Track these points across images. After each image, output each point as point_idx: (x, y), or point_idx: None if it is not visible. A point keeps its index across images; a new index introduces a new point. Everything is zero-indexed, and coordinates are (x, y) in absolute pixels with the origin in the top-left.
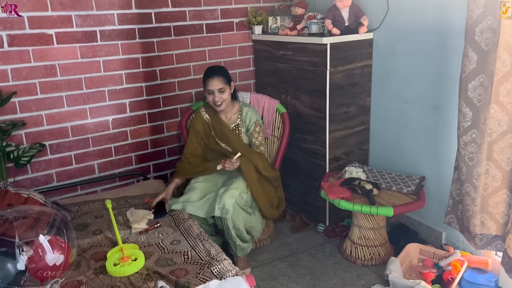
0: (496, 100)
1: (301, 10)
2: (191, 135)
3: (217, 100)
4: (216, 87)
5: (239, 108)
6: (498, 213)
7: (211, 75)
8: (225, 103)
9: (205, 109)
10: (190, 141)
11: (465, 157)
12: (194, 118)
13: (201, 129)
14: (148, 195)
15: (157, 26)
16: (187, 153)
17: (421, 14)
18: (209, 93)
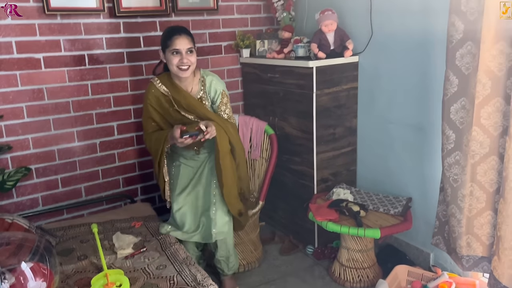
0: (478, 123)
1: (288, 34)
2: (146, 115)
3: (185, 61)
4: (185, 47)
5: (201, 78)
6: (483, 234)
7: (178, 32)
8: (192, 69)
9: (160, 80)
10: (147, 122)
11: (450, 179)
12: (147, 92)
13: (158, 105)
14: (135, 218)
15: (146, 49)
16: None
17: (404, 38)
18: (174, 54)
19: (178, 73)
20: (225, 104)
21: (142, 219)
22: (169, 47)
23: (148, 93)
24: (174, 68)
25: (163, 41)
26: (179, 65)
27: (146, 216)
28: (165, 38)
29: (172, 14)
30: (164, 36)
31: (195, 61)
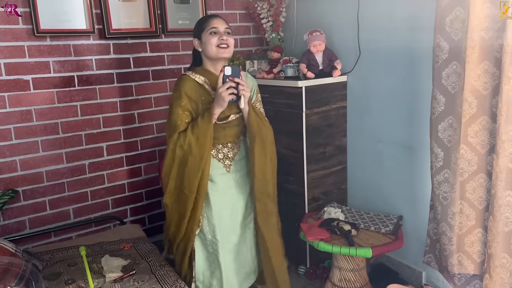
0: (465, 141)
1: (277, 54)
2: (176, 106)
3: (225, 39)
4: (223, 26)
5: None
6: (474, 252)
7: (214, 15)
8: (231, 50)
9: (194, 72)
10: (176, 115)
11: (439, 197)
12: (180, 83)
13: (194, 95)
14: (124, 240)
15: (136, 70)
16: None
17: (391, 57)
18: (212, 33)
19: (218, 53)
20: (259, 101)
21: (131, 241)
22: (207, 27)
23: (183, 83)
24: (213, 49)
25: (199, 26)
26: (219, 44)
27: (135, 238)
28: (201, 22)
29: (162, 35)
30: (199, 22)
31: (233, 44)
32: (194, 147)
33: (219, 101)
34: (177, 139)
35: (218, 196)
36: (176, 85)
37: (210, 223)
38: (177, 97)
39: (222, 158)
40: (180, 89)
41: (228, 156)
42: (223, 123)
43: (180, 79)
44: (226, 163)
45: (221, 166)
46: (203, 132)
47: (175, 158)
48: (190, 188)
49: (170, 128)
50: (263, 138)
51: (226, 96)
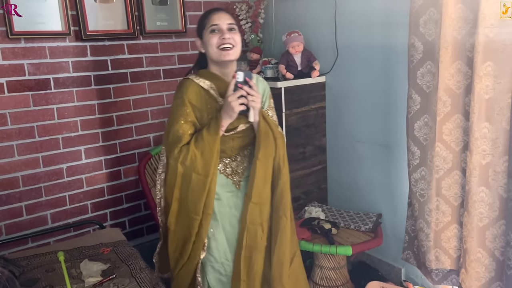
0: (440, 139)
1: (256, 55)
2: (178, 115)
3: (227, 37)
4: (225, 21)
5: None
6: (451, 247)
7: (216, 9)
8: (237, 51)
9: (198, 75)
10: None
11: (417, 194)
12: (182, 88)
13: (199, 102)
14: (104, 244)
15: (113, 72)
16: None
17: (368, 58)
18: (213, 32)
19: (220, 56)
20: (272, 107)
21: (111, 245)
22: (207, 24)
23: (186, 88)
24: (214, 50)
25: (200, 23)
26: (221, 44)
27: (115, 242)
28: (202, 18)
29: (140, 37)
30: (200, 19)
31: (239, 42)
32: (199, 163)
33: (228, 111)
34: (178, 154)
35: (228, 216)
36: (178, 91)
37: (220, 245)
38: (179, 105)
39: (230, 173)
40: (182, 95)
41: (237, 171)
42: (231, 134)
43: (183, 84)
44: (235, 180)
45: (230, 182)
46: (208, 146)
47: (177, 176)
48: (196, 210)
49: (170, 141)
50: (267, 155)
51: (236, 106)
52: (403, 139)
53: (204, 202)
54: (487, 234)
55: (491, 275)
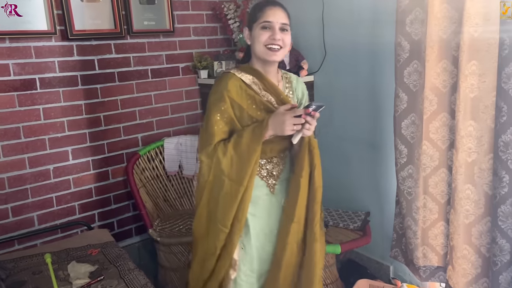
0: (427, 137)
1: None
2: (215, 111)
3: (277, 38)
4: (279, 20)
5: (283, 74)
6: (438, 244)
7: (273, 3)
8: (283, 53)
9: (237, 70)
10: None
11: (404, 192)
12: (222, 83)
13: (239, 98)
14: (92, 245)
15: (101, 72)
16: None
17: (355, 58)
18: (263, 28)
19: (266, 55)
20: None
21: (99, 246)
22: (259, 19)
23: (226, 82)
24: (260, 48)
25: (252, 14)
26: (269, 43)
27: (103, 243)
28: (255, 10)
29: (127, 37)
30: (253, 9)
31: (288, 43)
32: (234, 168)
33: (278, 127)
34: (212, 152)
35: (259, 222)
36: (217, 85)
37: (247, 254)
38: (217, 100)
39: (265, 175)
40: (221, 90)
41: (272, 174)
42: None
43: (223, 78)
44: (270, 182)
45: (264, 185)
46: (248, 152)
47: (208, 177)
48: (224, 221)
49: (204, 137)
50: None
51: (289, 129)
52: (391, 137)
53: (234, 213)
54: (473, 231)
55: (477, 271)
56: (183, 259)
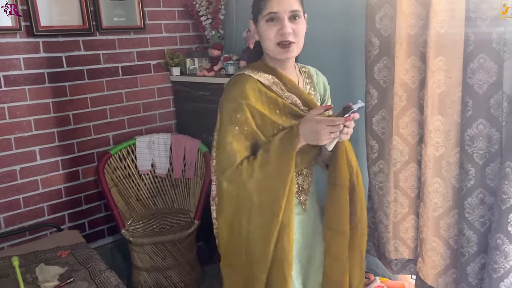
0: (397, 132)
1: (217, 52)
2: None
3: (287, 32)
4: (288, 8)
5: (301, 68)
6: (408, 238)
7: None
8: (298, 47)
9: (253, 70)
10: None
11: (376, 187)
12: (237, 89)
13: (260, 105)
14: (62, 247)
15: (69, 70)
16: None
17: (327, 54)
18: (269, 21)
19: (277, 53)
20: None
21: (69, 248)
22: (263, 10)
23: (243, 88)
24: (270, 45)
25: (255, 3)
26: (279, 40)
27: (73, 244)
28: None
29: (96, 33)
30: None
31: (303, 34)
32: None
33: (312, 136)
34: (235, 176)
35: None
36: (230, 90)
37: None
38: (233, 110)
39: (296, 191)
40: (237, 97)
41: (303, 189)
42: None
43: (237, 81)
44: (301, 199)
45: (296, 202)
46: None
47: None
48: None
49: (223, 157)
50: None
51: (326, 138)
52: (362, 133)
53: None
54: (442, 223)
55: (446, 263)
56: (156, 259)
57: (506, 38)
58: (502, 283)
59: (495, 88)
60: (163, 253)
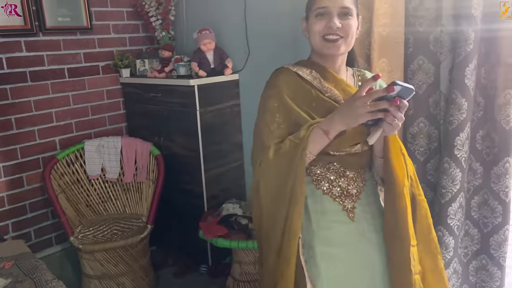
0: None
1: (168, 53)
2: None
3: (335, 26)
4: (338, 4)
5: (356, 72)
6: None
7: None
8: (347, 44)
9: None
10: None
11: None
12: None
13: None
14: (5, 258)
15: (10, 71)
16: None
17: (279, 54)
18: (318, 16)
19: (322, 48)
20: None
21: (13, 258)
22: (313, 6)
23: (276, 78)
24: (316, 40)
25: (308, 2)
26: (326, 33)
27: (18, 255)
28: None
29: (39, 34)
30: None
31: (353, 32)
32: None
33: (348, 113)
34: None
35: (335, 261)
36: (267, 82)
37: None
38: (267, 98)
39: (339, 195)
40: (270, 86)
41: (349, 193)
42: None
43: (274, 74)
44: (346, 204)
45: (340, 209)
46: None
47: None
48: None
49: (257, 148)
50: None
51: (363, 113)
52: None
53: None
54: None
55: None
56: (108, 266)
57: (443, 41)
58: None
59: (433, 88)
60: (115, 260)
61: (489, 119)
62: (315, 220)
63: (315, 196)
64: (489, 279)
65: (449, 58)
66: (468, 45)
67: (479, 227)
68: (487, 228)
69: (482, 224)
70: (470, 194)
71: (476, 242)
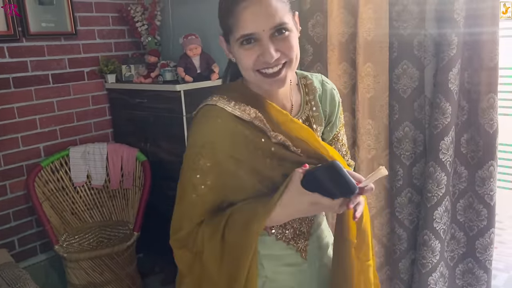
0: None
1: (154, 58)
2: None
3: (271, 57)
4: (268, 24)
5: (302, 80)
6: None
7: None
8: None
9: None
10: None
11: None
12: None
13: (231, 145)
14: None
15: None
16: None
17: None
18: (245, 44)
19: (262, 84)
20: (343, 124)
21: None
22: (234, 31)
23: (208, 127)
24: (251, 75)
25: (223, 17)
26: (262, 68)
27: (1, 265)
28: (224, 10)
29: (23, 39)
30: (222, 8)
31: (297, 48)
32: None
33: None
34: (189, 241)
35: None
36: (197, 129)
37: None
38: (194, 154)
39: (292, 237)
40: (201, 139)
41: (301, 231)
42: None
43: (206, 117)
44: (299, 245)
45: (291, 252)
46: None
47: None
48: None
49: (177, 214)
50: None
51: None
52: None
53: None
54: (376, 223)
55: (380, 260)
56: (94, 274)
57: (426, 45)
58: (430, 277)
59: (418, 93)
60: (101, 268)
61: (473, 123)
62: (268, 267)
63: (267, 242)
64: (475, 282)
65: (433, 62)
66: (452, 50)
67: (465, 230)
68: (473, 231)
69: (468, 227)
70: (456, 197)
71: (462, 246)
